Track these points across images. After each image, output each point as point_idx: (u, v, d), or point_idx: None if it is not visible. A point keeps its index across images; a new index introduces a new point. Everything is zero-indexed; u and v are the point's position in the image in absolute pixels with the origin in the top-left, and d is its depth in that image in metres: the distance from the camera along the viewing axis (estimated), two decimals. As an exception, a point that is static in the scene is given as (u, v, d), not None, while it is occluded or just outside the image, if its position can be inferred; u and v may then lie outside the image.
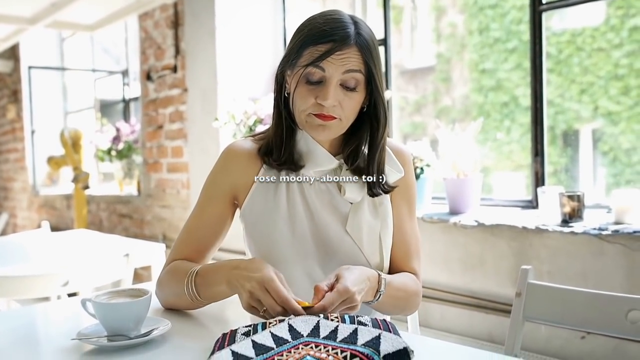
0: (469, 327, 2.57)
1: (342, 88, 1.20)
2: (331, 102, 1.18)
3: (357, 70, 1.19)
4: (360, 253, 1.26)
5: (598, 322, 1.29)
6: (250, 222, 1.30)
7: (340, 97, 1.19)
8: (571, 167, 4.52)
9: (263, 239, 1.28)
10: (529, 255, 2.36)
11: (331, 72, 1.18)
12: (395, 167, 1.31)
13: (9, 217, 7.18)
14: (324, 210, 1.27)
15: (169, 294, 1.26)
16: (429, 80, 7.26)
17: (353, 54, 1.18)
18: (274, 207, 1.28)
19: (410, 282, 1.29)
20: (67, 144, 5.24)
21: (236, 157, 1.32)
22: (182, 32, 4.07)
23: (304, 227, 1.27)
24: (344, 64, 1.18)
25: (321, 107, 1.19)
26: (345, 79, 1.19)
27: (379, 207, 1.30)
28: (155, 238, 4.41)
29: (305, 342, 0.94)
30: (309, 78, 1.20)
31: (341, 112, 1.20)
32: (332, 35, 1.17)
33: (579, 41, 5.37)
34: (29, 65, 6.54)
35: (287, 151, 1.28)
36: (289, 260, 1.25)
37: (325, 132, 1.22)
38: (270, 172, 1.30)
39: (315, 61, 1.17)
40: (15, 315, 1.38)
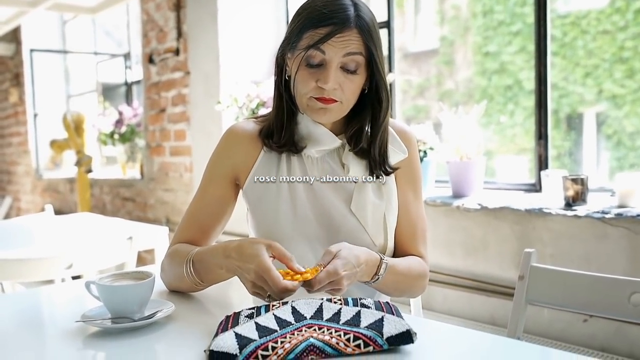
0: (471, 310, 2.58)
1: (343, 71, 1.19)
2: (332, 85, 1.18)
3: (358, 53, 1.18)
4: (365, 232, 1.26)
5: (600, 305, 1.29)
6: (253, 202, 1.30)
7: (341, 79, 1.19)
8: (575, 151, 4.50)
9: (265, 217, 1.28)
10: (532, 238, 2.36)
11: (331, 55, 1.17)
12: (399, 147, 1.31)
13: (12, 201, 7.20)
14: (327, 189, 1.27)
15: (171, 278, 1.27)
16: (432, 63, 7.21)
17: (353, 36, 1.17)
18: (275, 186, 1.28)
19: (415, 266, 1.29)
20: (69, 128, 5.24)
21: (237, 139, 1.32)
22: (184, 15, 4.04)
23: (305, 205, 1.27)
24: (344, 47, 1.17)
25: (322, 90, 1.19)
26: (346, 62, 1.18)
27: (383, 187, 1.30)
28: (159, 221, 4.42)
29: (308, 325, 0.95)
30: (310, 61, 1.19)
31: (342, 94, 1.20)
32: (332, 18, 1.17)
33: (583, 24, 5.33)
34: (31, 48, 6.52)
35: (287, 133, 1.28)
36: (291, 238, 1.25)
37: (327, 115, 1.22)
38: (271, 153, 1.30)
39: (316, 44, 1.17)
40: (19, 297, 1.39)
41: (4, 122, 7.23)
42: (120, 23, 6.10)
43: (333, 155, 1.30)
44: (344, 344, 0.89)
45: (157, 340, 1.00)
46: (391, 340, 0.90)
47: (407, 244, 1.33)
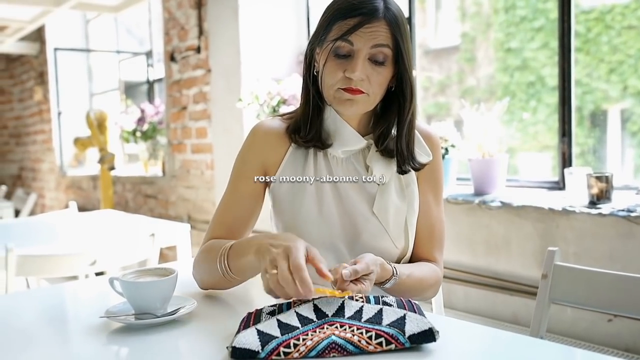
0: (493, 309, 2.56)
1: (370, 62, 1.19)
2: (359, 75, 1.17)
3: (385, 45, 1.18)
4: (386, 234, 1.26)
5: (625, 304, 1.27)
6: (278, 199, 1.31)
7: (369, 71, 1.19)
8: (599, 148, 4.44)
9: (290, 216, 1.29)
10: (555, 237, 2.33)
11: (360, 45, 1.17)
12: (424, 150, 1.30)
13: (37, 198, 7.30)
14: (351, 189, 1.27)
15: (202, 273, 1.25)
16: (454, 60, 7.17)
17: (382, 27, 1.17)
18: (301, 185, 1.28)
19: (428, 277, 1.28)
20: (92, 126, 5.30)
21: (264, 135, 1.32)
22: (206, 13, 4.06)
23: (330, 205, 1.27)
24: (372, 38, 1.17)
25: (349, 80, 1.18)
26: (374, 53, 1.18)
27: (406, 189, 1.29)
28: (180, 218, 4.45)
29: (330, 322, 0.95)
30: (338, 52, 1.19)
31: (369, 86, 1.20)
32: (360, 9, 1.17)
33: (608, 19, 5.25)
34: (55, 47, 6.60)
35: (314, 128, 1.28)
36: (314, 237, 1.25)
37: (353, 107, 1.21)
38: (299, 151, 1.30)
39: (344, 35, 1.17)
40: (44, 293, 1.41)
41: (29, 120, 7.34)
42: (142, 21, 6.15)
43: (358, 156, 1.29)
44: (365, 341, 0.89)
45: (180, 337, 1.01)
46: (413, 338, 0.89)
47: (423, 248, 1.33)
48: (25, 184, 7.68)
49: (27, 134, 7.45)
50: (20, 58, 7.33)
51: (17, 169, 7.91)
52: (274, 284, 0.97)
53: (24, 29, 5.70)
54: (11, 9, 5.02)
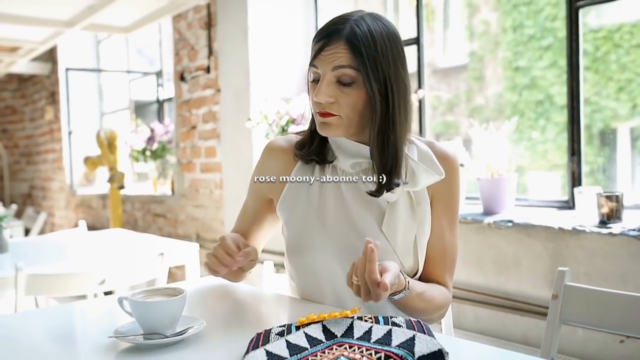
0: (504, 329, 2.53)
1: (339, 84, 1.19)
2: (322, 98, 1.18)
3: (347, 66, 1.17)
4: (394, 253, 1.25)
5: (638, 325, 1.26)
6: (285, 216, 1.32)
7: (337, 93, 1.19)
8: (609, 167, 4.42)
9: (295, 232, 1.30)
10: (566, 256, 2.32)
11: (322, 69, 1.19)
12: (435, 168, 1.25)
13: (47, 217, 7.33)
14: (359, 205, 1.26)
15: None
16: (462, 79, 7.18)
17: (340, 49, 1.17)
18: (306, 201, 1.29)
19: (439, 298, 1.28)
20: (103, 145, 5.33)
21: (272, 154, 1.37)
22: (215, 33, 4.10)
23: (335, 220, 1.26)
24: (332, 60, 1.17)
25: (319, 104, 1.20)
26: (338, 75, 1.18)
27: (417, 208, 1.27)
28: (189, 237, 4.46)
29: (339, 343, 0.94)
30: (312, 77, 1.23)
31: (339, 108, 1.20)
32: (323, 33, 1.19)
33: (616, 37, 5.26)
34: (66, 67, 6.67)
35: (316, 146, 1.30)
36: (319, 252, 1.26)
37: (327, 129, 1.22)
38: (306, 167, 1.31)
39: (311, 60, 1.21)
40: (53, 312, 1.41)
41: (40, 139, 7.39)
42: (153, 42, 6.21)
43: (367, 172, 1.28)
44: (375, 363, 0.89)
45: (189, 357, 1.00)
46: (423, 359, 0.89)
47: (434, 270, 1.31)
48: (35, 203, 7.73)
49: (38, 153, 7.51)
50: (32, 78, 7.41)
51: (27, 188, 7.96)
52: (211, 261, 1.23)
53: (36, 49, 5.77)
54: (24, 30, 5.09)
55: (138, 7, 4.47)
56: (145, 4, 4.38)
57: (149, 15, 4.68)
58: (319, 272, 1.27)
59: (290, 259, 1.34)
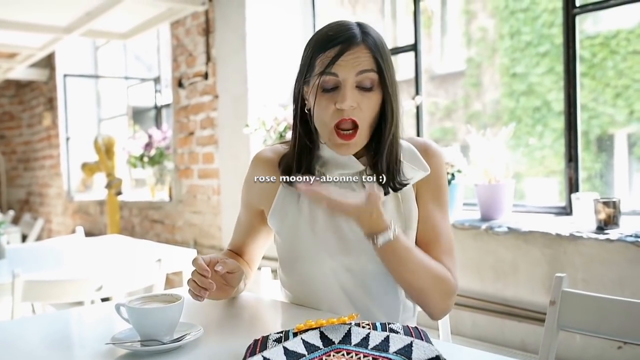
0: (502, 336, 2.53)
1: (359, 90, 1.18)
2: (349, 103, 1.16)
3: (370, 70, 1.17)
4: None
5: (635, 331, 1.26)
6: (277, 227, 1.32)
7: (359, 98, 1.18)
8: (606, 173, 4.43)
9: (287, 242, 1.30)
10: (563, 262, 2.32)
11: (344, 75, 1.17)
12: (420, 165, 1.27)
13: (44, 223, 7.32)
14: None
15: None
16: (459, 85, 7.20)
17: (362, 53, 1.17)
18: (296, 211, 1.29)
19: (436, 266, 1.23)
20: (100, 151, 5.33)
21: (259, 166, 1.35)
22: (213, 40, 4.11)
23: (326, 229, 1.26)
24: (356, 65, 1.16)
25: (341, 112, 1.17)
26: (360, 80, 1.17)
27: (403, 206, 1.27)
28: (187, 244, 4.45)
29: (336, 349, 0.94)
30: (325, 86, 1.19)
31: (360, 113, 1.18)
32: (337, 38, 1.17)
33: (613, 44, 5.28)
34: (64, 73, 6.68)
35: (303, 167, 1.27)
36: (311, 258, 1.26)
37: (349, 149, 1.22)
38: None
39: (327, 67, 1.17)
40: (50, 319, 1.41)
41: (37, 145, 7.39)
42: (151, 48, 6.22)
43: (356, 178, 1.27)
44: (372, 369, 0.88)
45: (186, 364, 1.00)
46: (420, 366, 0.89)
47: (429, 252, 1.26)
48: (33, 209, 7.71)
49: (36, 159, 7.50)
50: (30, 84, 7.42)
51: (24, 194, 7.95)
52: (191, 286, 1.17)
53: (34, 55, 5.77)
54: (22, 36, 5.09)
55: (136, 13, 4.47)
56: (143, 10, 4.39)
57: (147, 22, 4.69)
58: (312, 281, 1.27)
59: (284, 268, 1.34)
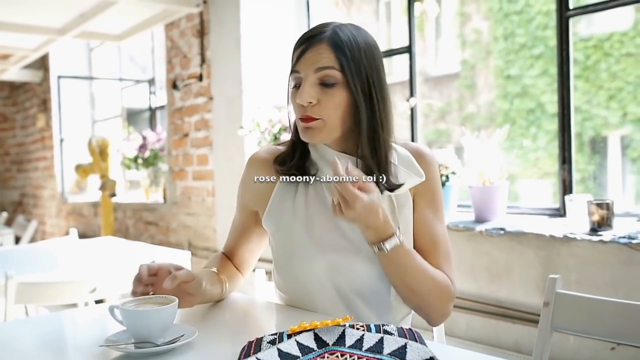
0: (496, 337, 2.54)
1: (322, 86, 1.19)
2: (305, 99, 1.18)
3: (330, 67, 1.17)
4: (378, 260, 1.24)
5: (629, 333, 1.26)
6: (272, 229, 1.32)
7: (319, 95, 1.19)
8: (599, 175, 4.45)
9: (283, 244, 1.30)
10: (557, 264, 2.32)
11: (305, 71, 1.19)
12: (415, 171, 1.26)
13: (37, 225, 7.29)
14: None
15: None
16: (454, 87, 7.22)
17: (324, 50, 1.18)
18: (292, 213, 1.29)
19: (437, 273, 1.24)
20: (94, 152, 5.32)
21: (256, 166, 1.36)
22: (208, 41, 4.11)
23: (323, 231, 1.26)
24: (314, 62, 1.18)
25: (302, 107, 1.20)
26: (320, 77, 1.18)
27: (399, 211, 1.27)
28: (181, 245, 4.44)
29: (331, 351, 0.94)
30: (294, 84, 1.23)
31: (321, 110, 1.19)
32: (305, 37, 1.21)
33: (606, 46, 5.31)
34: (58, 74, 6.66)
35: (295, 159, 1.29)
36: (306, 259, 1.25)
37: (311, 134, 1.22)
38: (289, 180, 1.31)
39: (293, 66, 1.21)
40: (43, 321, 1.40)
41: (31, 147, 7.36)
42: (145, 49, 6.21)
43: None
44: (366, 371, 0.89)
45: (180, 366, 1.00)
46: (414, 367, 0.89)
47: (427, 259, 1.27)
48: (26, 211, 7.68)
49: (29, 160, 7.47)
50: (23, 85, 7.39)
51: (18, 196, 7.92)
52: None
53: (28, 57, 5.76)
54: (16, 38, 5.08)
55: (130, 15, 4.47)
56: (138, 12, 4.38)
57: (141, 23, 4.68)
58: (306, 283, 1.26)
59: (279, 271, 1.33)
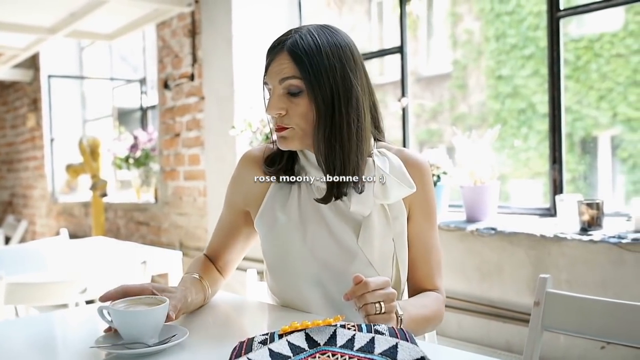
0: (487, 337, 2.54)
1: (289, 96, 1.19)
2: (273, 111, 1.19)
3: (291, 77, 1.17)
4: (371, 267, 1.23)
5: (618, 332, 1.27)
6: (265, 231, 1.31)
7: (287, 104, 1.19)
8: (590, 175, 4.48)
9: (276, 247, 1.29)
10: (547, 263, 2.34)
11: (272, 83, 1.20)
12: (406, 181, 1.22)
13: (28, 225, 7.25)
14: (337, 219, 1.25)
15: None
16: (445, 87, 7.24)
17: (285, 60, 1.18)
18: (285, 216, 1.27)
19: (431, 305, 1.25)
20: (85, 152, 5.30)
21: (248, 166, 1.35)
22: (199, 41, 4.10)
23: (315, 235, 1.25)
24: (278, 72, 1.19)
25: (274, 117, 1.21)
26: (286, 87, 1.19)
27: (394, 222, 1.25)
28: (172, 245, 4.43)
29: (322, 351, 0.94)
30: (267, 94, 1.23)
31: (290, 120, 1.20)
32: (269, 48, 1.22)
33: (597, 47, 5.34)
34: (49, 74, 6.62)
35: (284, 161, 1.29)
36: (300, 270, 1.25)
37: (284, 142, 1.22)
38: (281, 183, 1.30)
39: (263, 78, 1.23)
40: (33, 322, 1.39)
41: (21, 147, 7.32)
42: (136, 49, 6.19)
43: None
44: (357, 371, 0.89)
45: (170, 366, 1.00)
46: (405, 367, 0.89)
47: (424, 278, 1.30)
48: (16, 211, 7.64)
49: (19, 160, 7.43)
50: (13, 85, 7.35)
51: (8, 196, 7.87)
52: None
53: (18, 56, 5.72)
54: (6, 37, 5.05)
55: (121, 14, 4.45)
56: (129, 11, 4.37)
57: (132, 23, 4.66)
58: (302, 288, 1.26)
59: (272, 274, 1.32)
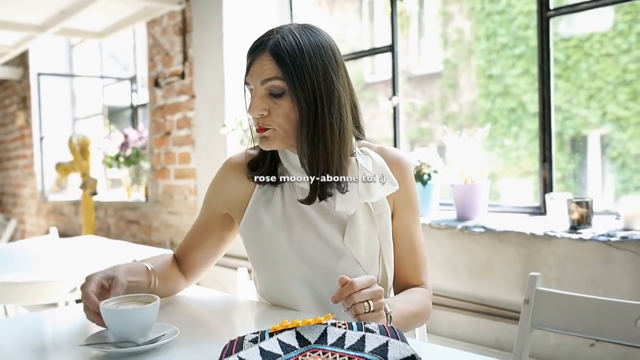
0: (477, 334, 2.56)
1: (271, 96, 1.19)
2: (255, 113, 1.19)
3: (273, 78, 1.17)
4: (358, 265, 1.23)
5: (607, 329, 1.28)
6: (250, 235, 1.30)
7: (269, 105, 1.19)
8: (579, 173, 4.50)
9: (262, 252, 1.28)
10: (537, 262, 2.35)
11: (253, 84, 1.20)
12: (389, 179, 1.23)
13: (17, 223, 7.21)
14: (322, 219, 1.25)
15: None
16: (436, 86, 7.26)
17: (266, 61, 1.17)
18: (270, 219, 1.27)
19: (418, 300, 1.25)
20: (75, 151, 5.27)
21: (231, 172, 1.34)
22: (190, 39, 4.09)
23: (302, 237, 1.25)
24: (260, 73, 1.18)
25: (255, 118, 1.21)
26: (267, 88, 1.18)
27: (379, 220, 1.26)
28: (163, 244, 4.42)
29: (312, 349, 0.94)
30: (249, 94, 1.23)
31: (272, 120, 1.20)
32: (250, 48, 1.21)
33: (586, 47, 5.37)
34: (38, 72, 6.59)
35: (267, 164, 1.29)
36: (288, 271, 1.25)
37: (266, 143, 1.22)
38: (266, 186, 1.30)
39: (245, 79, 1.22)
40: (23, 321, 1.39)
41: (10, 145, 7.28)
42: (127, 47, 6.17)
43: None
44: (348, 369, 0.89)
45: (161, 365, 0.99)
46: (396, 365, 0.89)
47: (410, 274, 1.30)
48: (6, 210, 7.59)
49: (9, 158, 7.38)
50: (2, 83, 7.30)
51: (-3, 194, 7.83)
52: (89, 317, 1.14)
53: (7, 54, 5.69)
54: (-6, 34, 5.02)
55: (112, 12, 4.43)
56: (119, 9, 4.35)
57: (122, 21, 4.64)
58: (291, 290, 1.25)
59: (260, 277, 1.32)
